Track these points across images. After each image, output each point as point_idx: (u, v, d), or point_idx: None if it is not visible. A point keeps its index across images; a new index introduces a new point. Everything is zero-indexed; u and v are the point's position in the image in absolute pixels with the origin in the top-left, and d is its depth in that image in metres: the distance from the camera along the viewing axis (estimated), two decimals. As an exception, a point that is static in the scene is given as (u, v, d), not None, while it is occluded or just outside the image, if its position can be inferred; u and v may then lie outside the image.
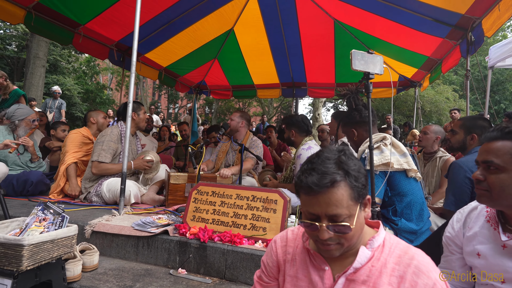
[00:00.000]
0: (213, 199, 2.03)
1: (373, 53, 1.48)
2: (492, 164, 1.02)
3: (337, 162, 0.82)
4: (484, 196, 1.04)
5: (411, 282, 0.78)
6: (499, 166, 1.00)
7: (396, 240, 0.88)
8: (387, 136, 1.82)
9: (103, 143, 2.78)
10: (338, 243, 0.81)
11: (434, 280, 0.77)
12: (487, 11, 2.87)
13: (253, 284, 1.05)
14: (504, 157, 1.00)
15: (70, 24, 3.73)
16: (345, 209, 0.79)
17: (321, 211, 0.79)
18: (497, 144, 1.03)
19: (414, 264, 0.80)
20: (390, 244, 0.86)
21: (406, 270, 0.80)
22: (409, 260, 0.81)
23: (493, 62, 4.59)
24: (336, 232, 0.79)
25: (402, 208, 1.76)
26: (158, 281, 1.72)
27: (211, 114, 20.41)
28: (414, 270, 0.79)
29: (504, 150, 1.00)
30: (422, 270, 0.79)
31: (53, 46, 14.06)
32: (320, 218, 0.80)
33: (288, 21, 4.59)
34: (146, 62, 5.09)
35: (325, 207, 0.79)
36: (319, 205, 0.79)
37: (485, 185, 1.04)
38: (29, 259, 1.35)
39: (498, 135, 1.03)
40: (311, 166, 0.82)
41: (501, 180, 1.00)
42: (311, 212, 0.81)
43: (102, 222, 2.11)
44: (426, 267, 0.79)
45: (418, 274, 0.79)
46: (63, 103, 7.94)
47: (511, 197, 0.99)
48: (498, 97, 18.50)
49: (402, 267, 0.81)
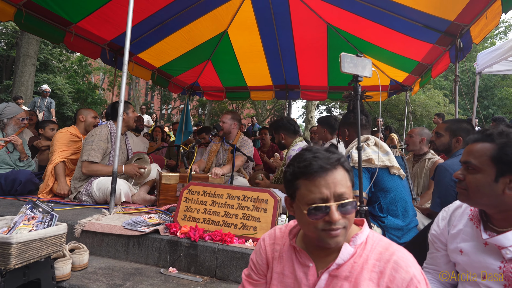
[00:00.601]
0: (204, 199, 2.04)
1: (362, 56, 1.52)
2: (470, 165, 1.07)
3: (328, 151, 0.88)
4: (463, 194, 1.10)
5: (389, 276, 0.80)
6: (476, 167, 1.05)
7: (379, 237, 0.91)
8: (370, 137, 1.90)
9: (93, 143, 2.76)
10: (344, 227, 0.84)
11: (411, 275, 0.79)
12: (475, 19, 2.95)
13: (241, 283, 1.05)
14: (480, 159, 1.04)
15: (62, 22, 3.69)
16: (347, 190, 0.84)
17: (329, 191, 0.82)
18: (477, 146, 1.07)
19: (393, 260, 0.82)
20: (372, 241, 0.89)
21: (386, 266, 0.82)
22: (389, 256, 0.83)
23: (480, 68, 4.71)
24: (344, 214, 0.82)
25: (387, 204, 1.83)
26: (149, 280, 1.71)
27: (204, 116, 20.37)
28: (393, 265, 0.81)
29: (481, 152, 1.05)
30: (400, 265, 0.81)
31: (44, 44, 13.87)
32: (328, 200, 0.82)
33: (282, 24, 4.63)
34: (139, 62, 5.07)
35: (333, 186, 0.82)
36: (327, 186, 0.82)
37: (464, 184, 1.09)
38: (17, 258, 1.34)
39: (479, 138, 1.08)
40: (310, 156, 0.86)
41: (477, 180, 1.04)
42: (319, 197, 0.82)
43: (92, 221, 2.10)
44: (405, 263, 0.81)
45: (396, 269, 0.81)
46: (52, 102, 7.81)
47: (486, 197, 1.03)
48: (487, 102, 18.93)
49: (382, 263, 0.83)
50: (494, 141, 1.03)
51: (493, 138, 1.04)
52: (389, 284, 0.80)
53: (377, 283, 0.81)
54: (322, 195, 0.82)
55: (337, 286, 0.85)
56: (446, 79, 20.40)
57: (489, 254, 1.06)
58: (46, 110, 7.58)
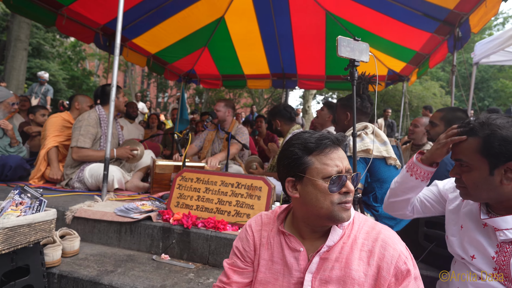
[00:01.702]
0: (197, 186, 2.02)
1: (359, 40, 1.47)
2: (462, 163, 1.05)
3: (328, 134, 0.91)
4: (463, 192, 1.08)
5: (379, 255, 0.83)
6: (468, 164, 1.03)
7: (364, 218, 0.94)
8: (369, 125, 1.86)
9: (81, 128, 2.70)
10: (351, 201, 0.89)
11: (399, 252, 0.83)
12: (475, 7, 2.90)
13: (223, 272, 1.00)
14: (470, 156, 1.02)
15: (53, 4, 3.57)
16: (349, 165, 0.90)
17: (343, 165, 0.87)
18: (465, 141, 1.04)
19: (381, 238, 0.86)
20: (359, 222, 0.92)
21: (375, 244, 0.85)
22: (376, 235, 0.87)
23: (478, 58, 4.67)
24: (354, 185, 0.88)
25: (382, 194, 1.81)
26: (141, 266, 1.71)
27: (201, 104, 20.20)
28: (381, 243, 0.85)
29: (470, 149, 1.02)
30: (388, 243, 0.84)
31: (36, 28, 13.52)
32: (342, 172, 0.86)
33: (280, 11, 4.53)
34: (134, 48, 4.95)
35: (344, 161, 0.88)
36: (341, 159, 0.87)
37: (462, 182, 1.07)
38: (4, 243, 1.31)
39: (465, 132, 1.05)
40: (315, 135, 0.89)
41: (472, 177, 1.02)
42: (336, 170, 0.85)
43: (83, 207, 2.07)
44: (392, 240, 0.85)
45: (385, 247, 0.84)
46: (49, 89, 7.59)
47: (485, 191, 1.02)
48: (482, 94, 18.99)
49: (370, 242, 0.86)
50: (477, 134, 1.00)
51: (476, 132, 1.01)
52: (379, 262, 0.83)
53: (367, 262, 0.84)
54: (338, 168, 0.85)
55: (328, 268, 0.85)
56: (443, 70, 20.38)
57: (486, 236, 1.05)
58: (42, 97, 7.37)
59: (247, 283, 0.97)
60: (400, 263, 0.81)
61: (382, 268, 0.81)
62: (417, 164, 1.22)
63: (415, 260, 0.87)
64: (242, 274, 0.97)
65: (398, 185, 1.30)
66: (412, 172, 1.23)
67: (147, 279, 1.57)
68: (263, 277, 0.93)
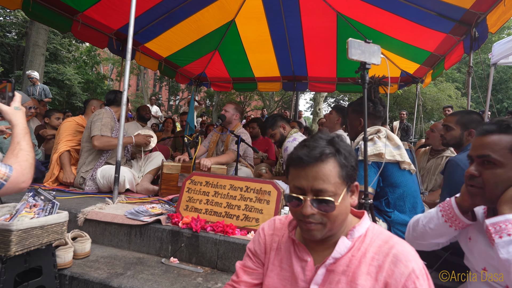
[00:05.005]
0: (206, 189, 2.02)
1: (371, 42, 1.44)
2: (488, 159, 0.98)
3: (329, 141, 0.84)
4: (477, 194, 1.02)
5: (388, 271, 0.77)
6: (496, 161, 0.97)
7: (379, 230, 0.86)
8: (381, 129, 1.81)
9: (102, 119, 2.83)
10: (321, 223, 0.80)
11: (410, 270, 0.75)
12: (492, 6, 2.82)
13: (235, 272, 1.01)
14: (501, 152, 0.97)
15: (69, 11, 3.68)
16: (332, 186, 0.78)
17: (307, 184, 0.79)
18: (493, 137, 0.99)
19: (392, 253, 0.78)
20: (372, 234, 0.85)
21: (385, 259, 0.78)
22: (388, 249, 0.79)
23: (496, 58, 4.52)
24: (319, 210, 0.79)
25: (395, 199, 1.75)
26: (150, 270, 1.71)
27: (212, 107, 20.33)
28: (392, 259, 0.78)
29: (502, 145, 0.97)
30: (400, 258, 0.77)
31: (53, 34, 13.94)
32: (305, 192, 0.80)
33: (290, 13, 4.52)
34: (146, 52, 5.04)
35: (312, 180, 0.79)
36: (306, 178, 0.79)
37: (479, 181, 1.01)
38: (18, 245, 1.34)
39: (495, 129, 1.00)
40: (303, 143, 0.85)
41: (496, 175, 0.97)
42: (297, 186, 0.81)
43: (95, 210, 2.10)
44: (404, 256, 0.77)
45: (395, 263, 0.77)
46: (45, 88, 7.20)
47: (502, 192, 0.96)
48: (500, 96, 18.36)
49: (381, 256, 0.79)
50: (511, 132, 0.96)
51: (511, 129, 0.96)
52: (387, 279, 0.76)
53: (375, 278, 0.78)
54: (300, 185, 0.80)
55: (334, 281, 0.82)
56: (459, 71, 19.84)
57: None
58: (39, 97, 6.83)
59: (255, 284, 0.96)
60: (409, 282, 0.74)
61: (390, 285, 0.75)
62: (459, 217, 1.10)
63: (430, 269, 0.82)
64: (251, 275, 0.97)
65: (431, 231, 1.18)
66: (451, 223, 1.12)
67: (156, 282, 1.57)
68: (272, 282, 0.91)
